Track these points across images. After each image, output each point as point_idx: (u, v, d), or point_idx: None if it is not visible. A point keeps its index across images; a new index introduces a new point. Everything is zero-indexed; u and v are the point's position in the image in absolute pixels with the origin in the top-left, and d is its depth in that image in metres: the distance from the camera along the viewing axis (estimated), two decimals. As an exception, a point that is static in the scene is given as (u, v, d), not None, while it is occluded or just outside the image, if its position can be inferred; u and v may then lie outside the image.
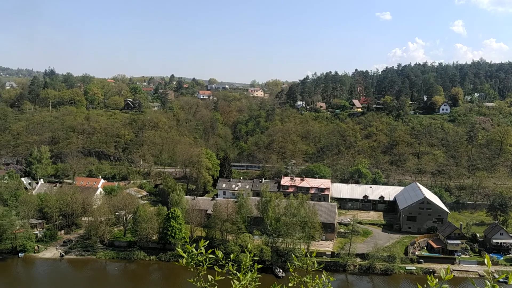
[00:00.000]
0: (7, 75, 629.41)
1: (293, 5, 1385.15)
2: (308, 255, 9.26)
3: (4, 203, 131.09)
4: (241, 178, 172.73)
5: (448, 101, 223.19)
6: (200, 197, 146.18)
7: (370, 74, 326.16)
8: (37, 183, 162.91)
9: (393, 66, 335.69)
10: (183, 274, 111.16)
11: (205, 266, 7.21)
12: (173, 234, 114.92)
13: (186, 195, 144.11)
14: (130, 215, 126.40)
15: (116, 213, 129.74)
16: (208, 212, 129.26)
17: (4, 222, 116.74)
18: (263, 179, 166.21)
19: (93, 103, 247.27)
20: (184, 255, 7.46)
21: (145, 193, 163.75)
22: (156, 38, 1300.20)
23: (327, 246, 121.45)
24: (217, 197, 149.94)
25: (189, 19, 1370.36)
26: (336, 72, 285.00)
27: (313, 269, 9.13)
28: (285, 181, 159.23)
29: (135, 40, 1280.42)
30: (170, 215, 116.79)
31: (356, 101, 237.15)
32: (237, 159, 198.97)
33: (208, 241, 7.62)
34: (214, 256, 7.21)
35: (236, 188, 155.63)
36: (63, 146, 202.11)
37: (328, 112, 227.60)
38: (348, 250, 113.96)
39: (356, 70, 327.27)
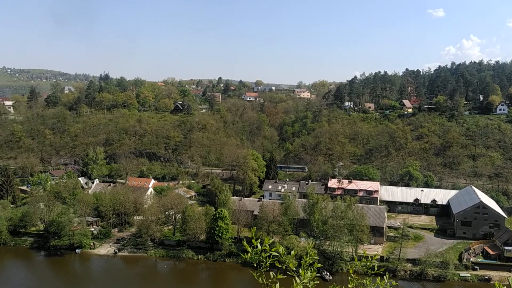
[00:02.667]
0: (66, 80, 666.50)
1: (341, 4, 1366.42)
2: (369, 257, 9.15)
3: (63, 201, 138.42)
4: (287, 179, 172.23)
5: (505, 100, 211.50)
6: (246, 198, 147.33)
7: (421, 73, 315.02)
8: (93, 183, 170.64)
9: (446, 65, 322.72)
10: (230, 274, 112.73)
11: (267, 263, 7.40)
12: (220, 234, 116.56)
13: (233, 196, 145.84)
14: (179, 215, 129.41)
15: (166, 213, 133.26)
16: (254, 213, 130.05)
17: (63, 219, 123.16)
18: (309, 181, 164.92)
19: (145, 105, 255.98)
20: (250, 249, 7.66)
21: (193, 193, 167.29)
22: (205, 41, 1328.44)
23: (376, 250, 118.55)
24: (263, 198, 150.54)
25: (235, 23, 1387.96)
26: (385, 72, 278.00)
27: (373, 272, 9.03)
28: (332, 183, 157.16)
29: (185, 44, 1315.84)
30: (217, 215, 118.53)
31: (406, 102, 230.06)
32: (283, 160, 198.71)
33: (272, 240, 7.80)
34: (277, 254, 7.39)
35: (282, 190, 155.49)
36: (117, 147, 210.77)
37: (377, 113, 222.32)
38: (398, 254, 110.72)
39: (406, 69, 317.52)
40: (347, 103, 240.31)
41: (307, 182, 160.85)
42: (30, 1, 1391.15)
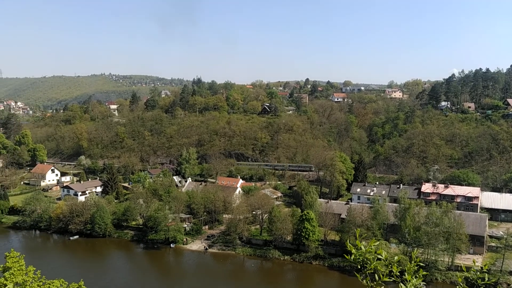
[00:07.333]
0: (163, 85, 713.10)
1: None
2: (481, 268, 8.64)
3: (159, 198, 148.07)
4: (377, 183, 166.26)
5: None
6: (333, 201, 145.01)
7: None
8: (186, 181, 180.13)
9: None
10: (316, 276, 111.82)
11: (372, 265, 7.32)
12: (307, 236, 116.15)
13: (320, 198, 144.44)
14: (265, 215, 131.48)
15: (253, 212, 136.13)
16: (341, 216, 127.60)
17: (159, 215, 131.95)
18: (401, 184, 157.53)
19: (234, 108, 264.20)
20: (354, 250, 7.65)
21: (279, 194, 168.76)
22: (293, 42, 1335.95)
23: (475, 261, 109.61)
24: (351, 201, 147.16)
25: (322, 22, 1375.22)
26: (487, 69, 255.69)
27: (483, 283, 8.50)
28: (426, 187, 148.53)
29: (274, 47, 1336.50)
30: (304, 217, 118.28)
31: (511, 101, 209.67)
32: (372, 163, 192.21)
33: (378, 242, 7.72)
34: (382, 257, 7.28)
35: (372, 193, 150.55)
36: (208, 148, 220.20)
37: (478, 113, 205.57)
38: (501, 266, 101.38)
39: (511, 66, 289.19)
40: (443, 103, 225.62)
41: (398, 186, 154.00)
42: (135, 9, 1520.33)
